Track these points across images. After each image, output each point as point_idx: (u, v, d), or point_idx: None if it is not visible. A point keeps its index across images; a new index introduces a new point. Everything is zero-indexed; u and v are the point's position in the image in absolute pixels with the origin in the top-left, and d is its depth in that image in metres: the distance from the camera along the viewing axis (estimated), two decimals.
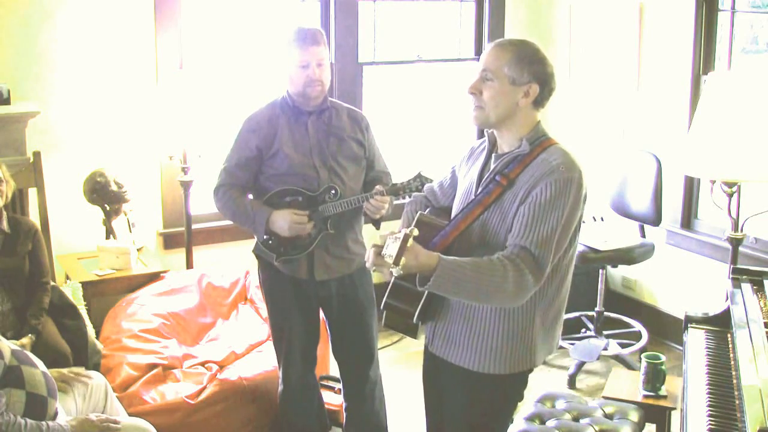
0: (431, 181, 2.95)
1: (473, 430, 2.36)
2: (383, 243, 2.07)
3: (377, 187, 2.96)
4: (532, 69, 2.19)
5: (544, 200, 2.12)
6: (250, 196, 3.12)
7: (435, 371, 2.44)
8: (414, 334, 2.40)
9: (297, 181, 3.03)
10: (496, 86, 2.18)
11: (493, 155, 2.31)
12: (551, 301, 2.26)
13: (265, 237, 3.04)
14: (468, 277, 2.07)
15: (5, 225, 3.30)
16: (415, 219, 2.31)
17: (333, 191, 3.01)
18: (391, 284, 2.28)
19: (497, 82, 2.18)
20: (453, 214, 2.35)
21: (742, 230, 3.64)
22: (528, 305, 2.21)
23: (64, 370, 2.98)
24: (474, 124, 2.29)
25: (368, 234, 3.29)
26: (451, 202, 2.47)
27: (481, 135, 5.38)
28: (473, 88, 2.22)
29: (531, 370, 2.33)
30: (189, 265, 4.32)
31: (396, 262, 1.98)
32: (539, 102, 2.23)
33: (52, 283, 3.45)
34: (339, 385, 3.52)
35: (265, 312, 3.52)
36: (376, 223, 3.13)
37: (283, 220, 2.95)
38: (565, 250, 2.20)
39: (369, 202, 2.95)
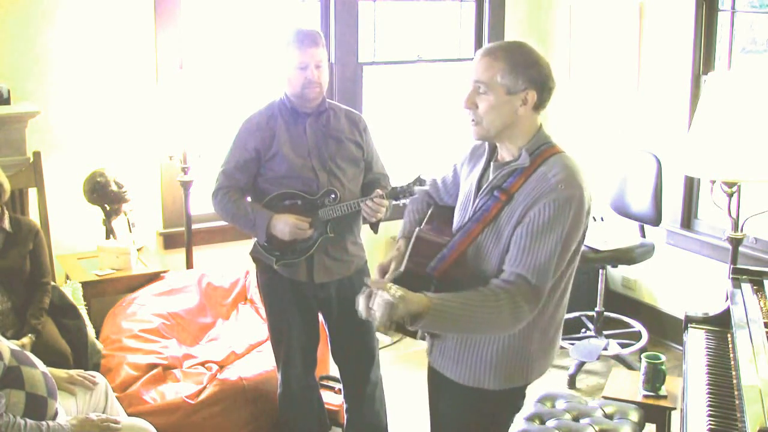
0: None
1: None
2: (372, 288, 1.98)
3: (377, 190, 2.95)
4: (527, 74, 2.07)
5: (542, 223, 2.03)
6: (249, 199, 3.11)
7: (434, 383, 2.40)
8: (414, 336, 2.38)
9: (295, 184, 3.02)
10: (491, 99, 2.08)
11: (492, 163, 2.21)
12: (550, 317, 2.19)
13: (265, 241, 3.03)
14: (459, 316, 2.00)
15: (7, 224, 3.31)
16: (412, 241, 2.21)
17: (332, 195, 2.99)
18: None
19: (492, 94, 2.07)
20: (454, 224, 2.28)
21: (742, 230, 3.64)
22: (526, 326, 2.13)
23: (73, 372, 2.97)
24: (474, 139, 2.20)
25: (367, 236, 3.29)
26: (454, 201, 2.41)
27: None
28: (468, 102, 2.11)
29: (526, 386, 2.27)
30: (189, 265, 4.32)
31: (385, 332, 1.95)
32: (539, 105, 2.13)
33: (52, 283, 3.45)
34: (339, 385, 3.52)
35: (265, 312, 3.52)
36: (374, 227, 3.13)
37: (285, 225, 2.95)
38: (566, 266, 2.12)
39: (367, 204, 2.94)
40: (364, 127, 3.16)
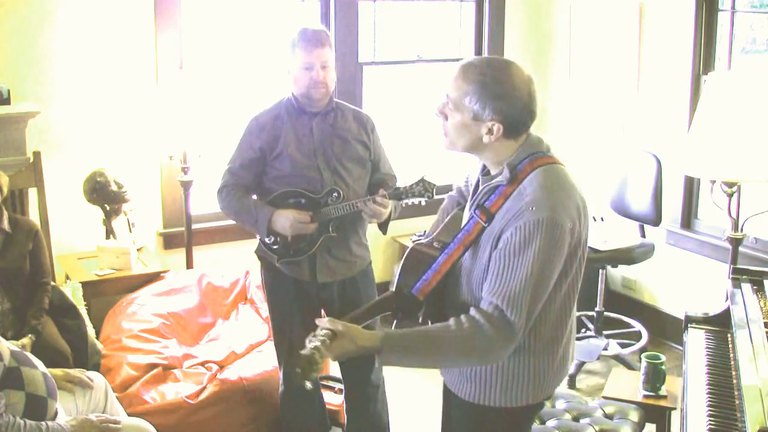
0: (434, 186, 2.94)
1: None
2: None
3: (380, 190, 2.95)
4: (494, 106, 1.93)
5: (513, 248, 1.90)
6: (254, 198, 3.12)
7: (446, 397, 2.34)
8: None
9: (300, 183, 3.02)
10: (458, 119, 1.98)
11: (481, 177, 2.11)
12: (551, 340, 2.07)
13: (267, 239, 3.03)
14: (418, 349, 1.93)
15: (6, 224, 3.31)
16: (408, 249, 2.16)
17: (335, 194, 2.99)
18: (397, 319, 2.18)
19: (459, 114, 1.97)
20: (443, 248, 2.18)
21: (742, 230, 3.64)
22: (522, 345, 2.00)
23: (70, 370, 2.97)
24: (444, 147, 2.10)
25: (373, 236, 3.29)
26: None
27: None
28: (438, 110, 2.03)
29: (531, 407, 2.14)
30: (189, 265, 4.32)
31: (301, 381, 1.80)
32: (512, 135, 1.98)
33: (52, 283, 3.45)
34: (339, 385, 3.52)
35: (265, 312, 3.52)
36: (383, 227, 3.12)
37: (286, 219, 2.95)
38: (554, 290, 1.98)
39: (368, 205, 2.94)
40: (371, 128, 3.15)
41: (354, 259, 3.14)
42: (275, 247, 3.05)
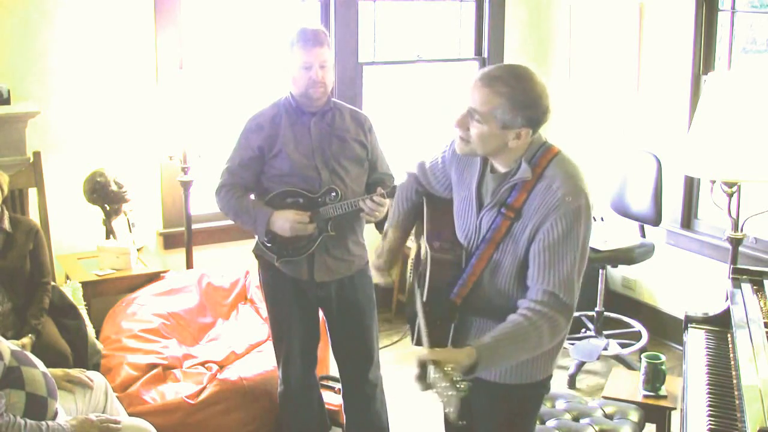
0: None
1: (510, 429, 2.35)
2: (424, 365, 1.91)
3: (378, 188, 2.95)
4: (526, 114, 2.04)
5: (558, 238, 2.05)
6: (252, 197, 3.12)
7: None
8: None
9: (298, 182, 3.02)
10: (485, 129, 2.05)
11: (489, 174, 2.19)
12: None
13: (266, 238, 3.04)
14: (508, 354, 2.05)
15: (6, 224, 3.31)
16: (429, 266, 2.19)
17: (333, 193, 3.00)
18: (418, 326, 2.22)
19: (486, 125, 2.05)
20: (459, 232, 2.26)
21: (742, 230, 3.64)
22: None
23: (70, 370, 2.97)
24: (458, 152, 2.18)
25: (370, 236, 3.29)
26: (443, 189, 2.40)
27: None
28: (459, 124, 2.09)
29: (550, 377, 2.35)
30: (189, 265, 4.32)
31: (460, 418, 1.85)
32: (533, 133, 2.11)
33: (52, 283, 3.45)
34: (339, 385, 3.52)
35: (265, 312, 3.52)
36: (379, 226, 3.12)
37: (285, 220, 2.95)
38: None
39: (367, 203, 2.95)
40: (369, 127, 3.15)
41: (352, 259, 3.14)
42: (274, 246, 3.05)
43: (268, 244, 3.06)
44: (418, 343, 2.25)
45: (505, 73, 2.06)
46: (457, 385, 1.83)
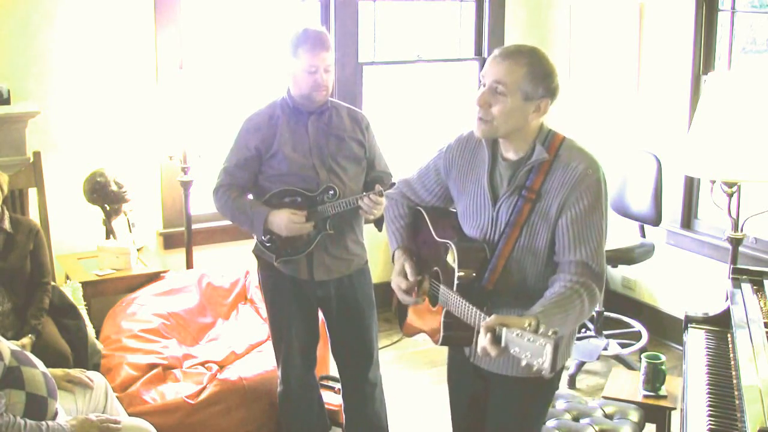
0: None
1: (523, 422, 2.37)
2: (501, 337, 1.88)
3: (376, 186, 2.96)
4: (546, 84, 2.12)
5: (585, 210, 2.12)
6: (250, 197, 3.12)
7: (468, 371, 2.40)
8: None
9: (296, 182, 3.02)
10: (509, 102, 2.10)
11: (502, 163, 2.23)
12: None
13: (264, 237, 3.04)
14: (560, 322, 2.04)
15: (7, 224, 3.31)
16: (456, 256, 2.18)
17: (331, 192, 3.00)
18: (443, 318, 2.22)
19: (510, 97, 2.10)
20: (474, 227, 2.27)
21: (742, 230, 3.64)
22: None
23: (70, 370, 2.97)
24: (478, 136, 2.20)
25: (369, 234, 3.29)
26: (436, 200, 2.42)
27: None
28: (482, 101, 2.13)
29: (562, 369, 2.39)
30: (189, 265, 4.32)
31: (552, 370, 1.79)
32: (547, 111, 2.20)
33: (52, 283, 3.45)
34: (339, 385, 3.52)
35: (265, 312, 3.52)
36: (378, 224, 3.13)
37: (281, 220, 2.95)
38: None
39: (365, 201, 2.95)
40: (366, 126, 3.15)
41: (351, 257, 3.14)
42: (272, 246, 3.05)
43: (268, 244, 3.06)
44: (446, 342, 2.25)
45: (521, 48, 2.17)
46: (548, 333, 1.79)
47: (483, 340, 1.93)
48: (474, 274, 2.18)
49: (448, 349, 2.53)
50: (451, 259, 2.22)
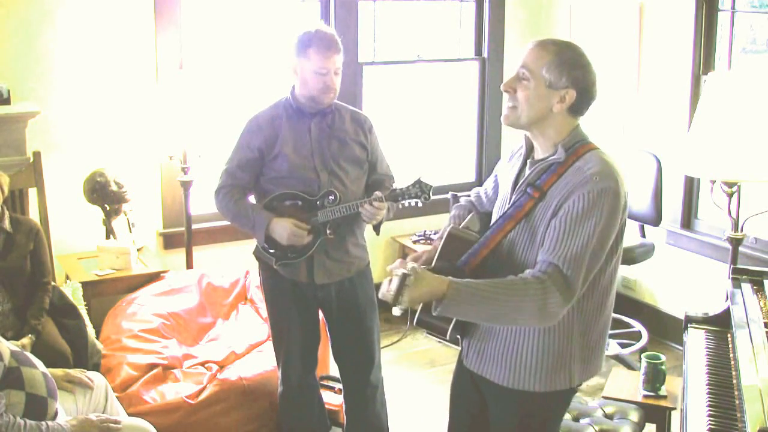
0: (431, 187, 2.93)
1: None
2: (390, 277, 2.03)
3: (376, 192, 2.94)
4: (572, 74, 2.10)
5: (576, 214, 2.02)
6: (252, 198, 3.11)
7: (468, 385, 2.36)
8: (445, 335, 2.30)
9: (297, 184, 3.01)
10: (531, 87, 2.09)
11: (528, 161, 2.21)
12: (593, 318, 2.16)
13: (266, 244, 3.03)
14: (482, 298, 1.99)
15: (7, 224, 3.30)
16: (444, 238, 2.22)
17: (332, 197, 2.98)
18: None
19: (533, 82, 2.09)
20: (491, 224, 2.26)
21: (742, 230, 3.64)
22: (565, 321, 2.11)
23: (70, 370, 2.97)
24: (504, 123, 2.18)
25: (373, 237, 3.29)
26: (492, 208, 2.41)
27: (481, 139, 5.39)
28: (507, 86, 2.13)
29: (572, 390, 2.23)
30: (189, 265, 4.32)
31: (394, 302, 1.94)
32: (577, 110, 2.15)
33: (52, 283, 3.45)
34: (339, 385, 3.52)
35: (265, 312, 3.52)
36: (376, 228, 3.12)
37: (283, 230, 2.94)
38: (605, 262, 2.09)
39: (365, 207, 2.94)
40: (369, 128, 3.14)
41: (351, 260, 3.13)
42: (273, 250, 3.05)
43: (271, 250, 3.05)
44: (420, 323, 2.23)
45: (556, 39, 2.17)
46: (407, 266, 1.98)
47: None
48: (453, 259, 2.17)
49: (455, 367, 2.46)
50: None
